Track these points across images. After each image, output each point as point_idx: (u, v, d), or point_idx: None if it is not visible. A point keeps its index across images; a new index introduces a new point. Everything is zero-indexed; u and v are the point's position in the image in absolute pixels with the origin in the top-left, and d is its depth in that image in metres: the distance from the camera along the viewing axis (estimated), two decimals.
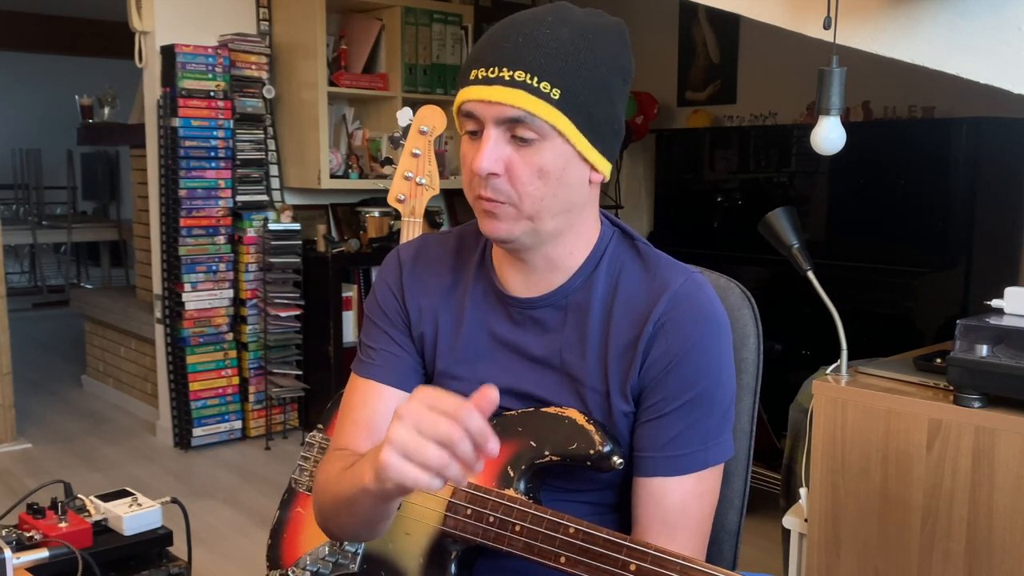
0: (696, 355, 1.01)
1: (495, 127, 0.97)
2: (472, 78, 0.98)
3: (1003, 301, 1.66)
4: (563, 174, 0.99)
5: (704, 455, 1.02)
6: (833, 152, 1.74)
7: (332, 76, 3.86)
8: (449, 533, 1.05)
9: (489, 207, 1.00)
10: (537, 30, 0.97)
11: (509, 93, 0.95)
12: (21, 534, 1.26)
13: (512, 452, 1.05)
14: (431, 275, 1.14)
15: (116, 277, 7.69)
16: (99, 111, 6.85)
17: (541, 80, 0.95)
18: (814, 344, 3.17)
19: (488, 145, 0.97)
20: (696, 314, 1.02)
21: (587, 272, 1.07)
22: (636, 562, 0.90)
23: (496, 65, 0.96)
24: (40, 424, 4.18)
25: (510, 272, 1.09)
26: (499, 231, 1.01)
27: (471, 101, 0.98)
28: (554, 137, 0.97)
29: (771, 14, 1.80)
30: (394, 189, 1.60)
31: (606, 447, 1.00)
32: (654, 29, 4.66)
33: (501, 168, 0.97)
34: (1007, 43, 1.53)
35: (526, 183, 0.98)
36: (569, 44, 0.97)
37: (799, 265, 1.91)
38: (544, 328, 1.07)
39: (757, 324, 1.20)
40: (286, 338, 3.90)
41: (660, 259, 1.08)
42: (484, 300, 1.11)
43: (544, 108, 0.95)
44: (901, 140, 3.45)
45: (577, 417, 1.03)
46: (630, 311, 1.04)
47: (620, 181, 4.72)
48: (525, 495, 1.03)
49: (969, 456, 1.62)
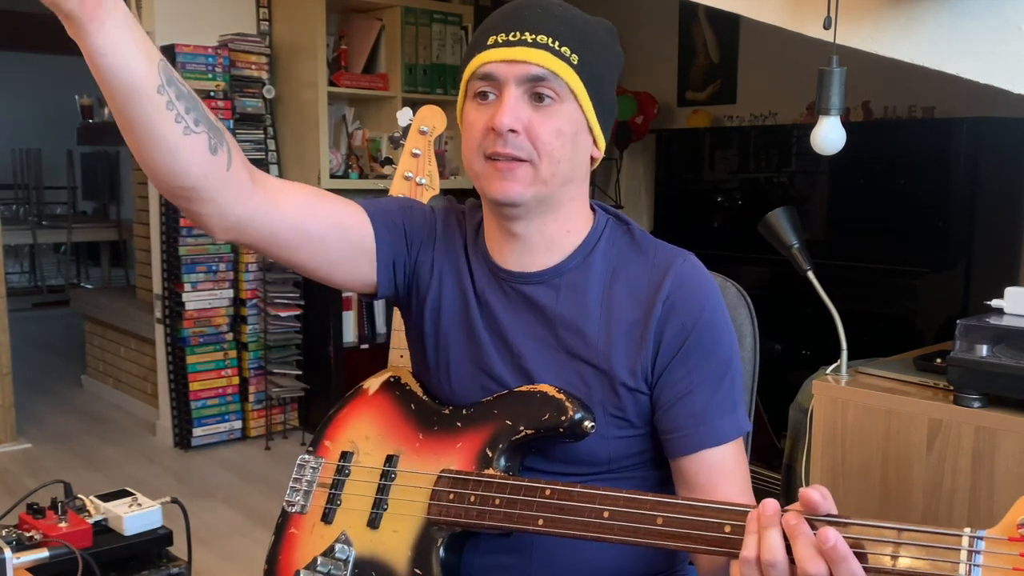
0: (708, 327, 1.05)
1: (516, 86, 1.01)
2: (491, 43, 1.02)
3: (1003, 301, 1.66)
4: (576, 139, 1.04)
5: (736, 419, 1.06)
6: (833, 152, 1.74)
7: (332, 76, 3.86)
8: (435, 520, 1.07)
9: (505, 167, 1.02)
10: (552, 5, 1.04)
11: (533, 53, 1.00)
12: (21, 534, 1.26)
13: (489, 434, 1.08)
14: (447, 244, 1.17)
15: (116, 277, 7.69)
16: (99, 111, 6.85)
17: (563, 44, 1.01)
18: (814, 344, 3.17)
19: (509, 101, 1.01)
20: (701, 290, 1.07)
21: (583, 254, 1.10)
22: (609, 508, 0.94)
23: (518, 30, 1.01)
24: (40, 424, 4.18)
25: (505, 248, 1.11)
26: (512, 192, 1.03)
27: (492, 62, 1.01)
28: (571, 101, 1.02)
29: (771, 14, 1.80)
30: (394, 189, 1.60)
31: (577, 414, 1.02)
32: (654, 29, 4.66)
33: (521, 126, 1.01)
34: (1007, 43, 1.53)
35: (546, 141, 1.01)
36: (583, 20, 1.05)
37: (799, 265, 1.91)
38: (535, 305, 1.09)
39: (754, 323, 1.21)
40: (286, 338, 3.90)
41: (656, 243, 1.12)
42: (480, 272, 1.14)
43: (566, 69, 1.00)
44: (901, 140, 3.45)
45: (549, 390, 1.05)
46: (633, 291, 1.07)
47: (620, 181, 4.71)
48: (505, 473, 1.06)
49: (969, 456, 1.62)
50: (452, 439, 1.12)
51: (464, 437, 1.11)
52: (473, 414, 1.11)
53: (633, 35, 4.79)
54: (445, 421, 1.14)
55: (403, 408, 1.19)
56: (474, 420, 1.11)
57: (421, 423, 1.16)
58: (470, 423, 1.11)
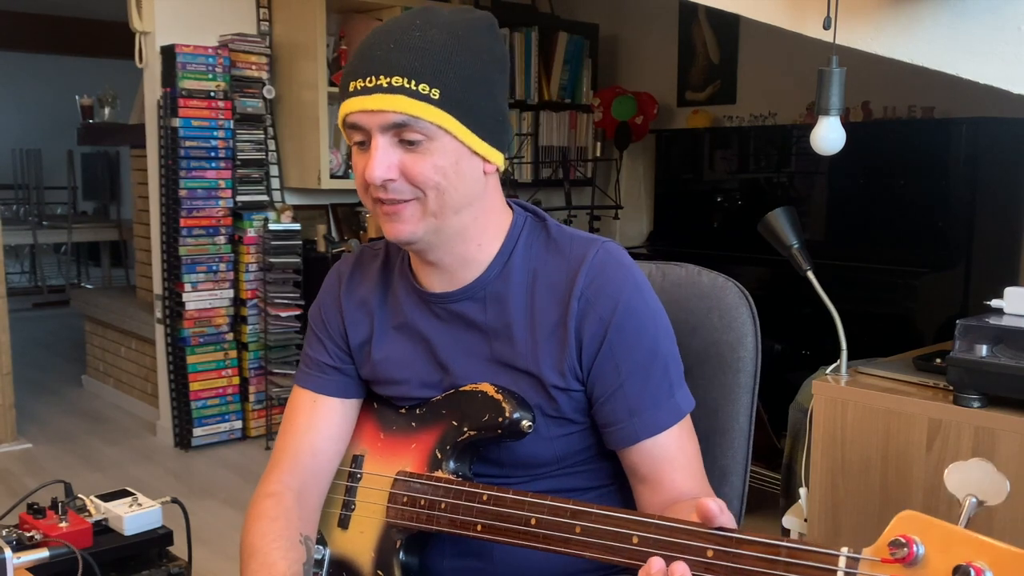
0: (628, 316, 1.04)
1: (382, 135, 0.98)
2: (352, 90, 0.99)
3: (1003, 301, 1.66)
4: (458, 168, 1.00)
5: (673, 404, 1.05)
6: (833, 152, 1.74)
7: (332, 76, 3.86)
8: (392, 523, 1.09)
9: (391, 209, 1.01)
10: (407, 35, 0.98)
11: (390, 100, 0.96)
12: (21, 534, 1.26)
13: (438, 435, 1.09)
14: (365, 286, 1.18)
15: (116, 277, 7.69)
16: (99, 111, 6.85)
17: (419, 83, 0.96)
18: (814, 344, 3.17)
19: (378, 154, 0.98)
20: (615, 279, 1.05)
21: (501, 262, 1.09)
22: (535, 515, 0.95)
23: (373, 74, 0.97)
24: (40, 424, 4.18)
25: (426, 271, 1.11)
26: (403, 233, 1.02)
27: (354, 112, 0.99)
28: (441, 136, 0.98)
29: (771, 14, 1.80)
30: None
31: (515, 414, 1.03)
32: (654, 29, 4.66)
33: (395, 173, 0.99)
34: (1007, 43, 1.53)
35: (425, 180, 0.99)
36: (441, 45, 0.98)
37: (799, 265, 1.91)
38: (467, 321, 1.10)
39: (755, 323, 1.21)
40: (286, 338, 3.90)
41: (573, 236, 1.10)
42: (409, 302, 1.13)
43: (426, 109, 0.97)
44: (901, 140, 3.44)
45: (488, 389, 1.06)
46: (552, 291, 1.06)
47: (620, 181, 4.72)
48: (454, 475, 1.07)
49: (969, 456, 1.62)
50: (408, 440, 1.13)
51: (418, 438, 1.12)
52: (425, 414, 1.13)
53: (633, 35, 4.79)
54: (402, 421, 1.15)
55: (367, 408, 1.21)
56: (425, 420, 1.12)
57: (382, 423, 1.18)
58: (422, 423, 1.12)
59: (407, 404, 1.15)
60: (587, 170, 4.67)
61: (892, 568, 0.72)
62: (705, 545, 0.83)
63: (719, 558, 0.82)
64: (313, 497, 1.15)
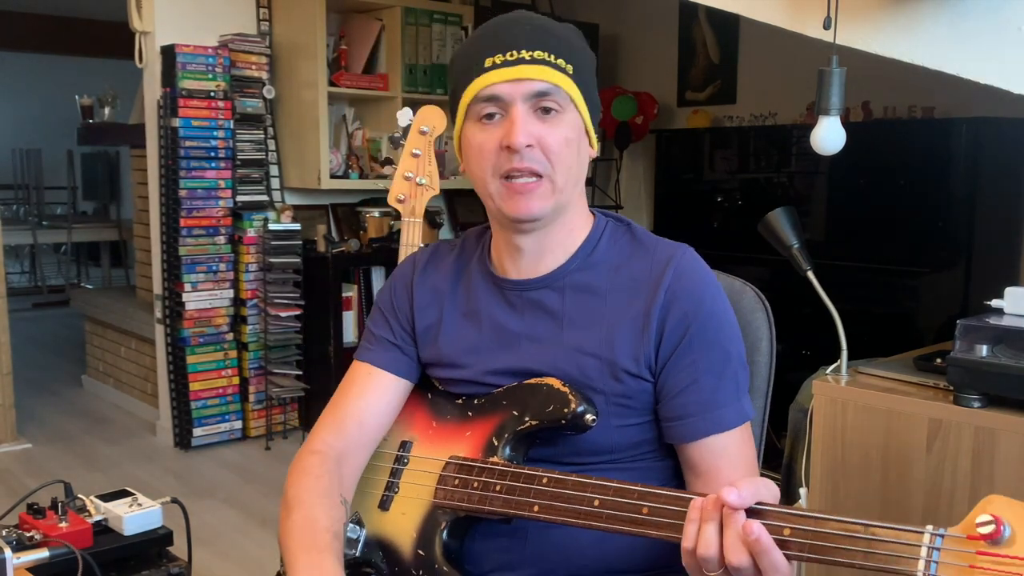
0: (710, 316, 1.08)
1: (523, 103, 1.05)
2: (489, 65, 1.05)
3: (1003, 301, 1.66)
4: (579, 145, 1.09)
5: (740, 406, 1.09)
6: (833, 152, 1.74)
7: (332, 76, 3.86)
8: (440, 504, 1.11)
9: (522, 186, 1.07)
10: (535, 20, 1.09)
11: (535, 69, 1.05)
12: (21, 534, 1.26)
13: (497, 424, 1.12)
14: (439, 275, 1.23)
15: (116, 277, 7.69)
16: (99, 111, 6.85)
17: (558, 57, 1.06)
18: (814, 344, 3.17)
19: (520, 120, 1.04)
20: (701, 280, 1.11)
21: (584, 254, 1.14)
22: (599, 496, 0.97)
23: (514, 48, 1.05)
24: (40, 424, 4.18)
25: (511, 258, 1.16)
26: (533, 209, 1.07)
27: (496, 84, 1.05)
28: (571, 110, 1.07)
29: (771, 14, 1.80)
30: (394, 189, 1.60)
31: (579, 407, 1.05)
32: (654, 29, 4.66)
33: (534, 140, 1.05)
34: (1007, 43, 1.53)
35: (558, 152, 1.06)
36: (567, 32, 1.10)
37: (799, 265, 1.91)
38: (543, 308, 1.13)
39: (771, 328, 1.22)
40: (286, 338, 3.90)
41: (657, 239, 1.17)
42: (482, 287, 1.18)
43: (566, 81, 1.06)
44: (901, 140, 3.45)
45: (554, 383, 1.08)
46: (636, 283, 1.11)
47: (620, 181, 4.72)
48: (509, 461, 1.09)
49: (969, 456, 1.62)
50: (463, 428, 1.16)
51: (473, 426, 1.14)
52: (484, 404, 1.15)
53: (633, 35, 4.79)
54: (457, 411, 1.18)
55: (420, 397, 1.24)
56: (484, 410, 1.15)
57: (435, 412, 1.21)
58: (480, 413, 1.15)
59: (467, 392, 1.18)
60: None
61: (978, 544, 0.74)
62: (783, 524, 0.84)
63: (796, 535, 0.83)
64: (351, 467, 1.18)
